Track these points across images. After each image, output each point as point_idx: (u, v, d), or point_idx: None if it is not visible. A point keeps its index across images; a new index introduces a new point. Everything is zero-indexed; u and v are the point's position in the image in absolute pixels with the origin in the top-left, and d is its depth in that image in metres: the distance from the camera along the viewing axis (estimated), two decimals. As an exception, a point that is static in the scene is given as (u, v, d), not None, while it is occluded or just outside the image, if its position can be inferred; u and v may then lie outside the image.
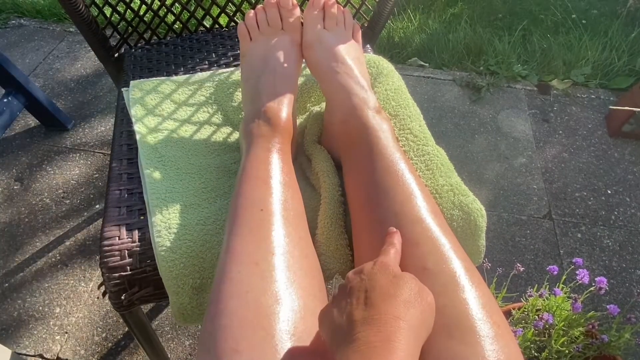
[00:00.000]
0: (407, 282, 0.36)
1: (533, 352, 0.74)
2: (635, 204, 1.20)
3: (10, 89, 1.19)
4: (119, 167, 0.63)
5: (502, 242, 1.12)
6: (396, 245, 0.42)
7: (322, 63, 0.60)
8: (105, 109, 1.43)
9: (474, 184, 1.24)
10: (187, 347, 0.95)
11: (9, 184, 1.22)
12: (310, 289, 0.43)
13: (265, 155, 0.52)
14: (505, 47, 1.61)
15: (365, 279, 0.37)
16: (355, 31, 0.65)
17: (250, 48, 0.63)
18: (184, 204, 0.57)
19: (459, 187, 0.56)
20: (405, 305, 0.34)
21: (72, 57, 1.61)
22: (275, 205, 0.47)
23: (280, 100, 0.57)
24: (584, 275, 0.72)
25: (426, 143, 0.61)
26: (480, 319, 0.38)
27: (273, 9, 0.62)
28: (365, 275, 0.37)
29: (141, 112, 0.68)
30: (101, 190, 1.21)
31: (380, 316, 0.33)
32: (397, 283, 0.36)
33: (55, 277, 1.04)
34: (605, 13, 1.78)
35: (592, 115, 1.44)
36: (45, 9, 1.78)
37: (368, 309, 0.34)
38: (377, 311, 0.33)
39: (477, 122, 1.41)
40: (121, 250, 0.53)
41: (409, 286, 0.36)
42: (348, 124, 0.56)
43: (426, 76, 1.56)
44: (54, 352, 0.94)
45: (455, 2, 1.84)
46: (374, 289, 0.35)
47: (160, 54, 0.83)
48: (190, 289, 0.53)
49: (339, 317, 0.35)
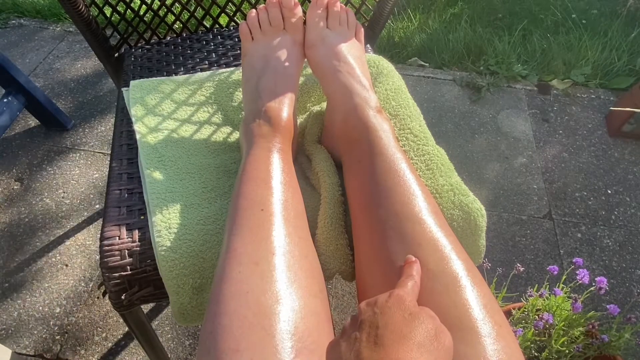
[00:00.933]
0: (423, 322, 0.33)
1: (533, 352, 0.74)
2: (635, 203, 1.20)
3: (10, 89, 1.19)
4: (119, 167, 0.63)
5: (502, 242, 1.12)
6: (415, 277, 0.40)
7: (324, 62, 0.60)
8: (105, 109, 1.43)
9: (474, 183, 1.24)
10: (187, 347, 0.95)
11: (9, 184, 1.22)
12: (311, 289, 0.42)
13: (265, 155, 0.52)
14: (505, 47, 1.61)
15: (377, 312, 0.34)
16: (357, 31, 0.65)
17: (251, 48, 0.63)
18: (184, 203, 0.57)
19: (459, 186, 0.56)
20: (419, 349, 0.31)
21: (72, 57, 1.61)
22: (276, 205, 0.47)
23: (281, 100, 0.57)
24: (584, 275, 0.72)
25: (426, 143, 0.61)
26: (481, 320, 0.38)
27: (275, 8, 0.62)
28: (379, 308, 0.35)
29: (141, 111, 0.68)
30: (101, 190, 1.21)
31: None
32: (412, 322, 0.33)
33: (55, 277, 1.04)
34: (605, 13, 1.78)
35: (592, 115, 1.44)
36: (45, 9, 1.78)
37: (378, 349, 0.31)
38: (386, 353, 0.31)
39: (477, 122, 1.41)
40: (121, 250, 0.53)
41: (425, 327, 0.33)
42: (349, 123, 0.56)
43: (426, 76, 1.56)
44: (54, 352, 0.94)
45: (455, 2, 1.84)
46: (387, 326, 0.33)
47: (160, 54, 0.83)
48: (190, 289, 0.53)
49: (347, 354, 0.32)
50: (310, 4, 0.64)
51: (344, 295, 1.03)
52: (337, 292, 1.04)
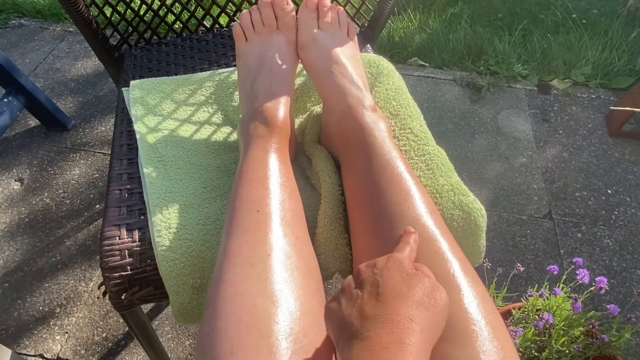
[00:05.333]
0: (421, 281, 0.36)
1: (533, 352, 0.74)
2: (635, 203, 1.20)
3: (10, 89, 1.19)
4: (119, 167, 0.63)
5: (503, 242, 1.12)
6: (412, 244, 0.42)
7: (317, 63, 0.60)
8: (105, 109, 1.43)
9: (474, 183, 1.24)
10: (187, 347, 0.95)
11: (9, 184, 1.22)
12: (307, 289, 0.42)
13: (262, 155, 0.52)
14: (505, 47, 1.61)
15: (377, 273, 0.36)
16: (350, 30, 0.65)
17: (246, 48, 0.63)
18: (184, 203, 0.56)
19: (459, 186, 0.56)
20: (418, 306, 0.34)
21: (72, 57, 1.61)
22: (272, 206, 0.47)
23: (277, 100, 0.57)
24: (584, 275, 0.72)
25: (427, 143, 0.61)
26: (473, 321, 0.38)
27: (267, 8, 0.62)
28: (378, 269, 0.37)
29: (141, 111, 0.68)
30: (101, 190, 1.21)
31: (392, 316, 0.32)
32: (410, 282, 0.35)
33: (55, 277, 1.04)
34: (605, 13, 1.78)
35: (592, 115, 1.44)
36: (45, 9, 1.78)
37: (380, 305, 0.33)
38: (389, 310, 0.33)
39: (477, 122, 1.41)
40: (121, 250, 0.53)
41: (423, 286, 0.35)
42: (343, 124, 0.56)
43: (426, 76, 1.56)
44: (54, 352, 0.94)
45: (455, 2, 1.84)
46: (387, 284, 0.35)
47: (161, 54, 0.83)
48: (190, 289, 0.53)
49: (348, 309, 0.34)
50: (301, 5, 0.64)
51: (344, 295, 1.03)
52: (337, 292, 1.04)
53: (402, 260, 0.38)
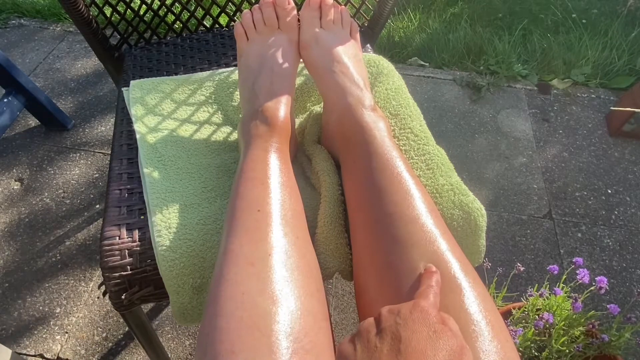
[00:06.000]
0: (449, 341, 0.32)
1: (533, 351, 0.74)
2: (635, 203, 1.20)
3: (10, 89, 1.19)
4: (119, 166, 0.63)
5: (503, 242, 1.12)
6: (434, 288, 0.39)
7: (319, 62, 0.60)
8: (105, 109, 1.43)
9: (474, 183, 1.24)
10: (187, 347, 0.95)
11: (9, 184, 1.22)
12: (308, 288, 0.42)
13: (262, 155, 0.52)
14: (505, 46, 1.61)
15: (400, 323, 0.33)
16: (352, 29, 0.65)
17: (247, 48, 0.63)
18: (184, 203, 0.56)
19: (459, 186, 0.56)
20: None
21: (72, 57, 1.61)
22: (273, 206, 0.47)
23: (277, 99, 0.57)
24: (584, 275, 0.72)
25: (427, 142, 0.61)
26: (474, 321, 0.38)
27: (269, 8, 0.62)
28: (402, 319, 0.33)
29: (141, 111, 0.68)
30: (101, 190, 1.21)
31: None
32: (437, 342, 0.32)
33: (55, 277, 1.04)
34: (605, 12, 1.78)
35: (592, 114, 1.44)
36: (45, 9, 1.78)
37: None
38: None
39: (477, 121, 1.41)
40: (121, 250, 0.53)
41: (450, 348, 0.32)
42: (343, 123, 0.56)
43: (426, 76, 1.56)
44: (54, 352, 0.94)
45: (455, 2, 1.84)
46: (410, 341, 0.32)
47: (161, 54, 0.83)
48: (190, 289, 0.52)
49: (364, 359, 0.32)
50: (304, 4, 0.64)
51: (344, 295, 1.03)
52: (337, 292, 1.04)
53: (429, 311, 0.34)
